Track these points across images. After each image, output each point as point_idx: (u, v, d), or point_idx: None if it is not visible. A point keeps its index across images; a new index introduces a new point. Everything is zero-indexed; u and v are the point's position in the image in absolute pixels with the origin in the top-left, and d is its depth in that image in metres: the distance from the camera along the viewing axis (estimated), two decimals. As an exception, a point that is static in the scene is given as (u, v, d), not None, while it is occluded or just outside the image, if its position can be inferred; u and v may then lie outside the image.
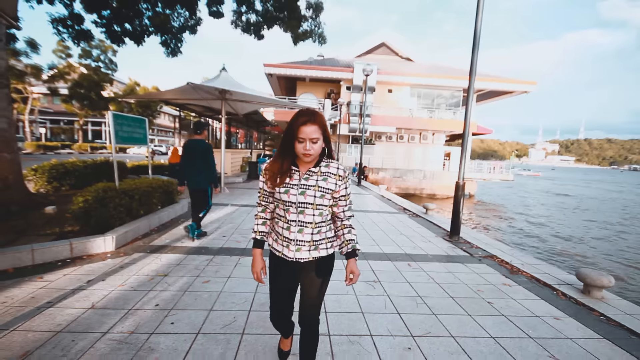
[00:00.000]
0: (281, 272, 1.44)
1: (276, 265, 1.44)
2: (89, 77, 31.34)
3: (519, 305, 2.72)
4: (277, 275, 1.46)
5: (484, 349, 2.06)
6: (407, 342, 2.08)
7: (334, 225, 1.45)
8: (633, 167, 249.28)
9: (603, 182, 58.49)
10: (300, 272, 1.43)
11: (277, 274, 1.46)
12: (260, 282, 1.47)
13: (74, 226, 3.88)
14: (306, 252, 1.35)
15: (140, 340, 1.94)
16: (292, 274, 1.44)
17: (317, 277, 1.41)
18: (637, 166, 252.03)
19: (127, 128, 4.27)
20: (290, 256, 1.35)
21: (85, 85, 30.63)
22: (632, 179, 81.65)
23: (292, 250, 1.34)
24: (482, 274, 3.44)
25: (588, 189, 37.78)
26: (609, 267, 7.95)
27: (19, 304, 2.29)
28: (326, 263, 1.42)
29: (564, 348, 2.12)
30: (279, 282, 1.47)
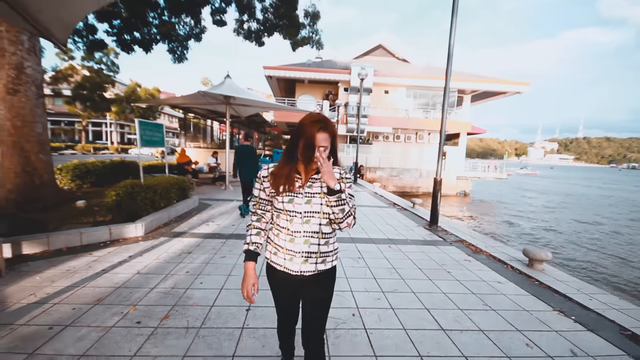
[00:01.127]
0: (283, 288, 1.36)
1: (277, 281, 1.35)
2: (91, 79, 31.89)
3: (472, 274, 3.41)
4: (280, 293, 1.38)
5: (435, 299, 2.75)
6: (378, 295, 2.77)
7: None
8: (632, 166, 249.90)
9: (597, 180, 59.22)
10: (303, 287, 1.33)
11: (279, 292, 1.38)
12: (250, 302, 1.32)
13: (105, 216, 4.56)
14: (313, 264, 1.26)
15: (179, 292, 2.63)
16: (294, 289, 1.34)
17: (323, 292, 1.34)
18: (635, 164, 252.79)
19: (149, 132, 4.97)
20: (295, 269, 1.26)
21: (88, 87, 31.23)
22: (628, 177, 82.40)
23: (297, 263, 1.25)
24: (449, 253, 4.14)
25: (578, 187, 38.51)
26: (569, 251, 8.64)
27: (81, 271, 2.98)
28: (330, 276, 1.34)
29: (497, 300, 2.82)
30: (282, 298, 1.39)
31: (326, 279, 1.33)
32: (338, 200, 1.19)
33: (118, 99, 39.88)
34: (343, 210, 1.20)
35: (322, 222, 1.25)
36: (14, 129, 4.93)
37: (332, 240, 1.32)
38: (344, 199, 1.19)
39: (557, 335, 2.29)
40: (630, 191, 35.59)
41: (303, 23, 11.52)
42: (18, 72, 4.89)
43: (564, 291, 3.02)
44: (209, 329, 2.12)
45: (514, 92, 24.87)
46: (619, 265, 7.90)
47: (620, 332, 2.36)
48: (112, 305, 2.37)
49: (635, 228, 13.45)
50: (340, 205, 1.19)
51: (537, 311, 2.64)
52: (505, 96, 26.86)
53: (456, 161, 25.28)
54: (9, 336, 1.93)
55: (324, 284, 1.33)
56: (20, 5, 2.59)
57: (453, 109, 25.69)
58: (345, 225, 1.24)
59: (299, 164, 1.26)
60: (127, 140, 52.19)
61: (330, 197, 1.18)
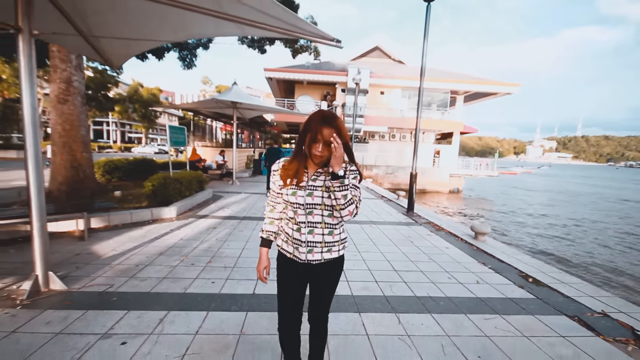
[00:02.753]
0: (290, 274, 1.41)
1: (286, 267, 1.42)
2: (96, 79, 32.83)
3: (429, 243, 4.53)
4: (286, 278, 1.43)
5: (396, 256, 3.86)
6: (355, 253, 3.88)
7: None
8: (629, 164, 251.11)
9: (589, 177, 60.41)
10: (311, 275, 1.40)
11: (286, 277, 1.43)
12: (263, 282, 1.46)
13: (141, 202, 5.65)
14: (318, 253, 1.34)
15: (214, 250, 3.74)
16: (301, 276, 1.41)
17: (329, 279, 1.41)
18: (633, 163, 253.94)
19: (175, 134, 6.06)
20: (302, 258, 1.34)
21: (92, 87, 32.20)
22: (622, 175, 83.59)
23: (304, 252, 1.33)
24: (416, 230, 5.25)
25: (565, 184, 39.70)
26: (520, 230, 9.80)
27: (139, 238, 4.08)
28: (337, 265, 1.42)
29: (440, 257, 3.93)
30: (287, 285, 1.44)
31: (333, 267, 1.39)
32: (341, 186, 1.22)
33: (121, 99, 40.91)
34: (345, 196, 1.23)
35: (325, 213, 1.32)
36: (64, 132, 6.01)
37: (338, 231, 1.37)
38: (346, 185, 1.23)
39: (472, 274, 3.40)
40: (613, 187, 36.81)
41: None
42: (67, 85, 5.97)
43: (492, 252, 4.13)
44: (239, 267, 3.23)
45: (505, 92, 25.94)
46: (551, 241, 9.73)
47: (517, 274, 3.48)
48: (171, 256, 3.47)
49: (588, 217, 14.66)
50: (343, 191, 1.23)
51: (465, 262, 3.76)
52: (497, 97, 27.94)
53: (449, 159, 26.38)
54: (112, 270, 3.03)
55: (330, 271, 1.40)
56: (99, 49, 3.68)
57: (446, 109, 26.78)
58: (347, 214, 1.27)
59: (307, 158, 1.33)
60: (127, 139, 53.22)
61: (333, 181, 1.22)
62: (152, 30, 3.54)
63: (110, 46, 3.81)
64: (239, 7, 2.66)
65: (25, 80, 2.36)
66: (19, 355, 1.78)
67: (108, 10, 3.04)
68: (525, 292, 3.00)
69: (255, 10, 2.67)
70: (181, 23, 3.29)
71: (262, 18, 2.82)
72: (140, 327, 2.11)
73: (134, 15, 3.15)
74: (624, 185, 43.33)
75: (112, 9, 3.00)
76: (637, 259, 8.47)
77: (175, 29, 3.52)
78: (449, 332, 2.24)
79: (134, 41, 3.74)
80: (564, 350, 2.09)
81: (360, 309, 2.50)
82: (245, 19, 2.83)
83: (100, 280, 2.79)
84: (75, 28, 3.07)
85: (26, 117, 2.40)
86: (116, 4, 2.93)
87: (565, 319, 2.51)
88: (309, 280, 1.43)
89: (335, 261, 1.40)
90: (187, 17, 3.08)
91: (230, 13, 2.77)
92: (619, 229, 12.80)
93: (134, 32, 3.55)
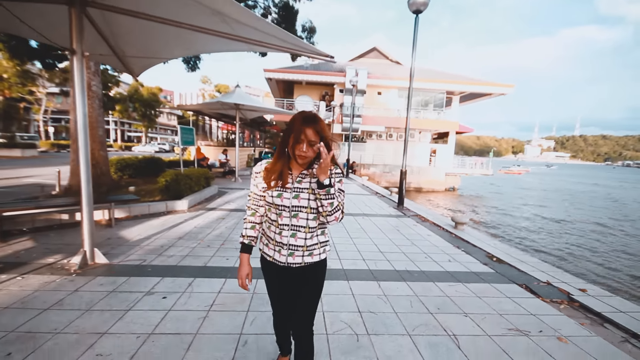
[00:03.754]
0: (273, 277, 1.42)
1: (268, 270, 1.42)
2: (99, 78, 33.11)
3: (414, 231, 5.11)
4: (271, 281, 1.44)
5: (383, 241, 4.44)
6: (347, 239, 4.45)
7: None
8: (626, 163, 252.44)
9: (580, 176, 61.22)
10: (292, 278, 1.39)
11: (270, 280, 1.44)
12: (244, 289, 1.42)
13: (154, 197, 6.20)
14: (299, 257, 1.32)
15: (225, 235, 4.31)
16: (284, 279, 1.40)
17: (310, 284, 1.39)
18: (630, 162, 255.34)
19: (185, 135, 6.63)
20: (282, 261, 1.33)
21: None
22: (617, 174, 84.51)
23: (284, 255, 1.32)
24: (404, 221, 5.83)
25: (557, 183, 40.42)
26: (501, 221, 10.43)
27: (158, 226, 4.64)
28: (319, 269, 1.39)
29: (422, 242, 4.51)
30: (274, 287, 1.45)
31: (314, 272, 1.37)
32: (327, 195, 1.21)
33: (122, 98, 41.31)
34: (332, 204, 1.23)
35: (309, 217, 1.30)
36: (83, 132, 6.55)
37: (320, 234, 1.35)
38: (332, 194, 1.22)
39: (446, 254, 3.99)
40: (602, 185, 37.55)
41: (301, 36, 13.14)
42: (87, 89, 6.50)
43: (467, 239, 4.72)
44: (248, 249, 3.80)
45: (499, 93, 26.56)
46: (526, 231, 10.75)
47: (485, 255, 4.06)
48: (189, 240, 4.04)
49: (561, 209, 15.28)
50: (330, 199, 1.23)
51: (442, 246, 4.34)
52: (491, 97, 28.56)
53: (445, 158, 26.98)
54: (142, 250, 3.60)
55: (312, 276, 1.37)
56: (125, 63, 4.23)
57: (442, 109, 27.38)
58: (333, 219, 1.27)
59: (291, 160, 1.30)
60: (127, 137, 53.61)
61: (319, 190, 1.21)
62: (171, 47, 4.11)
63: (134, 60, 4.37)
64: (249, 30, 3.23)
65: (78, 92, 2.92)
66: (85, 305, 2.35)
67: (136, 32, 3.59)
68: (487, 267, 3.59)
69: (263, 32, 3.23)
70: (195, 41, 3.85)
71: (268, 39, 3.39)
72: (175, 288, 2.68)
73: (157, 36, 3.70)
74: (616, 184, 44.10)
75: (140, 31, 3.56)
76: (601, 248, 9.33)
77: (190, 46, 4.10)
78: (417, 293, 2.82)
79: (153, 53, 4.30)
80: (507, 306, 2.67)
81: (349, 278, 3.08)
82: (253, 40, 3.40)
83: (134, 257, 3.36)
84: (111, 49, 3.63)
85: (79, 122, 2.97)
86: (143, 27, 3.47)
87: (515, 286, 3.10)
88: (291, 283, 1.41)
89: (317, 265, 1.37)
90: (202, 37, 3.63)
91: (240, 35, 3.33)
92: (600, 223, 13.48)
93: (156, 49, 4.12)
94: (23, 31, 3.54)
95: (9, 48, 9.04)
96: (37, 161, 16.61)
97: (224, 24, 3.16)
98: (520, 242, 9.71)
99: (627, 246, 10.01)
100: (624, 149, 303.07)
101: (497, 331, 2.27)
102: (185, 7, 2.93)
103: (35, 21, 3.28)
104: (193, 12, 3.01)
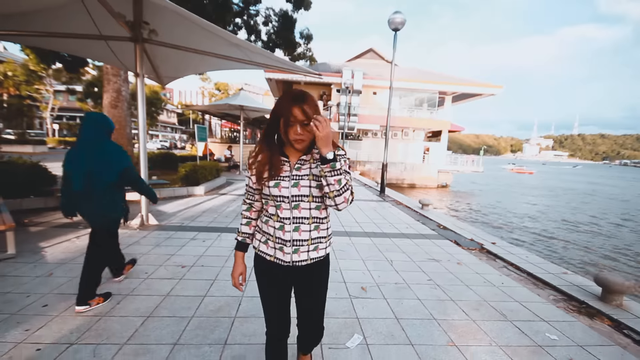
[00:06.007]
0: (271, 280, 1.25)
1: (265, 272, 1.25)
2: (100, 78, 34.27)
3: (389, 212, 6.37)
4: (267, 284, 1.27)
5: (363, 219, 5.69)
6: (332, 216, 5.71)
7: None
8: (623, 162, 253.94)
9: (573, 174, 62.62)
10: (295, 279, 1.26)
11: (266, 283, 1.27)
12: (238, 289, 1.30)
13: (175, 184, 7.44)
14: (305, 253, 1.18)
15: (237, 212, 5.56)
16: (285, 281, 1.26)
17: (318, 282, 1.28)
18: (627, 161, 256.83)
19: (200, 132, 7.86)
20: (286, 260, 1.18)
21: (98, 85, 33.69)
22: (612, 173, 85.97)
23: (288, 253, 1.17)
24: (382, 204, 7.10)
25: (546, 181, 41.78)
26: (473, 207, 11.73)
27: (184, 205, 5.89)
28: (324, 265, 1.29)
29: (391, 217, 5.77)
30: (270, 292, 1.27)
31: (320, 269, 1.26)
32: (332, 170, 1.04)
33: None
34: (339, 181, 1.06)
35: (312, 206, 1.16)
36: (114, 131, 7.77)
37: (325, 226, 1.23)
38: (339, 169, 1.05)
39: (406, 224, 5.25)
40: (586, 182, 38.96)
41: (299, 42, 14.34)
42: (117, 94, 7.73)
43: (428, 215, 5.99)
44: (256, 219, 5.07)
45: (489, 94, 27.79)
46: (491, 214, 12.25)
47: (436, 225, 5.32)
48: (211, 213, 5.30)
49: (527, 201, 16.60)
50: (336, 176, 1.05)
51: (406, 220, 5.60)
52: (482, 97, 29.81)
53: (438, 156, 28.22)
54: (177, 218, 4.85)
55: (318, 274, 1.27)
56: (160, 76, 5.46)
57: (435, 109, 28.62)
58: (342, 201, 1.09)
59: (286, 146, 1.18)
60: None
61: (323, 166, 1.04)
62: (196, 65, 5.35)
63: (166, 74, 5.61)
64: (261, 57, 4.47)
65: (140, 104, 4.15)
66: (155, 243, 3.60)
67: (172, 56, 4.82)
68: (433, 232, 4.86)
69: (268, 57, 4.48)
70: (217, 62, 5.07)
71: (274, 62, 4.63)
72: (209, 237, 3.94)
73: (187, 59, 4.92)
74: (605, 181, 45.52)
75: (175, 55, 4.78)
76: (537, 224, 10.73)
77: (211, 66, 5.34)
78: (375, 243, 4.09)
79: (181, 71, 5.55)
80: (434, 249, 3.94)
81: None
82: (263, 63, 4.64)
83: (175, 221, 4.62)
84: (153, 68, 4.87)
85: (140, 124, 4.20)
86: (178, 53, 4.69)
87: (446, 241, 4.36)
88: (293, 284, 1.29)
89: (322, 262, 1.26)
90: (222, 60, 4.85)
91: (253, 60, 4.57)
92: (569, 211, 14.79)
93: (184, 67, 5.35)
94: (110, 60, 4.82)
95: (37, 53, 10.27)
96: (50, 157, 17.79)
97: (240, 51, 4.40)
98: (476, 220, 11.42)
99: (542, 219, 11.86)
100: (622, 148, 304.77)
101: (420, 259, 3.54)
102: (211, 41, 4.15)
103: (115, 51, 4.52)
104: (217, 44, 4.24)
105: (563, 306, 2.65)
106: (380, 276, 3.02)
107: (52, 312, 2.08)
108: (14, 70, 26.85)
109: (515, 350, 1.98)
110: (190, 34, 4.05)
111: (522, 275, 3.29)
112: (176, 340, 1.86)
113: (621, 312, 2.51)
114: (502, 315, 2.40)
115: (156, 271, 2.86)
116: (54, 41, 4.33)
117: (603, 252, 8.44)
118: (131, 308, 2.20)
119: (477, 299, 2.65)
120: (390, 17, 7.62)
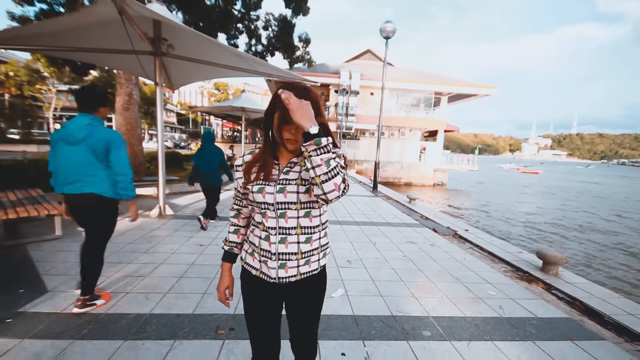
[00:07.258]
0: (257, 297, 1.09)
1: (251, 288, 1.10)
2: (102, 78, 34.78)
3: (379, 206, 7.00)
4: (253, 302, 1.10)
5: (354, 211, 6.32)
6: (331, 215, 6.34)
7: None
8: (621, 162, 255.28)
9: (569, 172, 63.41)
10: (286, 297, 1.10)
11: (252, 300, 1.10)
12: (225, 305, 1.15)
13: (183, 180, 8.05)
14: (293, 268, 1.02)
15: (242, 204, 6.18)
16: (273, 300, 1.10)
17: (310, 301, 1.12)
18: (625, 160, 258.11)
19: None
20: (271, 276, 1.03)
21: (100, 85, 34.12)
22: (608, 172, 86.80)
23: (273, 268, 1.02)
24: (373, 199, 7.73)
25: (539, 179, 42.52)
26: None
27: (193, 198, 6.50)
28: (319, 281, 1.12)
29: (381, 210, 6.40)
30: (256, 311, 1.10)
31: (315, 285, 1.10)
32: (318, 148, 0.84)
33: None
34: (327, 162, 0.84)
35: (301, 214, 1.01)
36: (126, 131, 8.38)
37: (317, 236, 1.06)
38: (325, 145, 0.84)
39: (393, 215, 5.88)
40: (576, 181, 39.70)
41: (298, 46, 14.95)
42: (129, 97, 8.33)
43: (414, 208, 6.62)
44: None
45: (484, 94, 28.44)
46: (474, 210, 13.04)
47: (420, 216, 5.95)
48: (219, 205, 5.91)
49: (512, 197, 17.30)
50: (323, 153, 0.84)
51: (394, 212, 6.24)
52: (477, 98, 30.47)
53: (434, 155, 28.86)
54: (190, 209, 5.47)
55: (312, 291, 1.11)
56: (172, 82, 6.07)
57: (431, 109, 29.26)
58: (332, 188, 0.86)
59: (279, 148, 1.04)
60: (130, 134, 55.06)
61: (306, 144, 0.85)
62: (205, 73, 5.96)
63: (178, 81, 6.22)
64: (264, 67, 5.09)
65: (159, 108, 4.75)
66: (174, 229, 4.22)
67: (185, 66, 5.43)
68: (416, 221, 5.50)
69: (269, 67, 5.10)
70: (224, 71, 5.68)
71: (275, 72, 5.25)
72: (220, 224, 4.57)
73: (197, 68, 5.53)
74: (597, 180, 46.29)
75: (186, 65, 5.39)
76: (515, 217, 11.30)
77: (218, 74, 5.94)
78: (363, 230, 4.72)
79: (191, 78, 6.16)
80: (413, 234, 4.57)
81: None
82: (266, 73, 5.26)
83: (188, 211, 5.25)
84: (167, 76, 5.48)
85: (159, 125, 4.82)
86: (191, 65, 5.30)
87: (426, 229, 5.00)
88: (284, 301, 1.12)
89: (316, 277, 1.08)
90: (229, 70, 5.46)
91: (257, 70, 5.19)
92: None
93: (194, 74, 5.96)
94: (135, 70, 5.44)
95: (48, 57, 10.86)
96: (59, 156, 18.37)
97: (244, 62, 5.02)
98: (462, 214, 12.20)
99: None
100: (620, 147, 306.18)
101: (399, 241, 4.18)
102: (219, 52, 4.76)
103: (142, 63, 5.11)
104: (225, 55, 4.85)
105: (509, 275, 3.29)
106: (363, 253, 3.65)
107: (105, 274, 2.70)
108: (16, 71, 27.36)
109: (459, 299, 2.61)
110: (200, 47, 4.66)
111: (483, 254, 3.93)
112: (204, 291, 2.49)
113: (555, 279, 3.15)
114: (456, 279, 3.04)
115: (180, 248, 3.49)
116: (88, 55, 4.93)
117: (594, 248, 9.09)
118: (166, 272, 2.83)
119: (440, 269, 3.28)
120: (382, 26, 8.24)
